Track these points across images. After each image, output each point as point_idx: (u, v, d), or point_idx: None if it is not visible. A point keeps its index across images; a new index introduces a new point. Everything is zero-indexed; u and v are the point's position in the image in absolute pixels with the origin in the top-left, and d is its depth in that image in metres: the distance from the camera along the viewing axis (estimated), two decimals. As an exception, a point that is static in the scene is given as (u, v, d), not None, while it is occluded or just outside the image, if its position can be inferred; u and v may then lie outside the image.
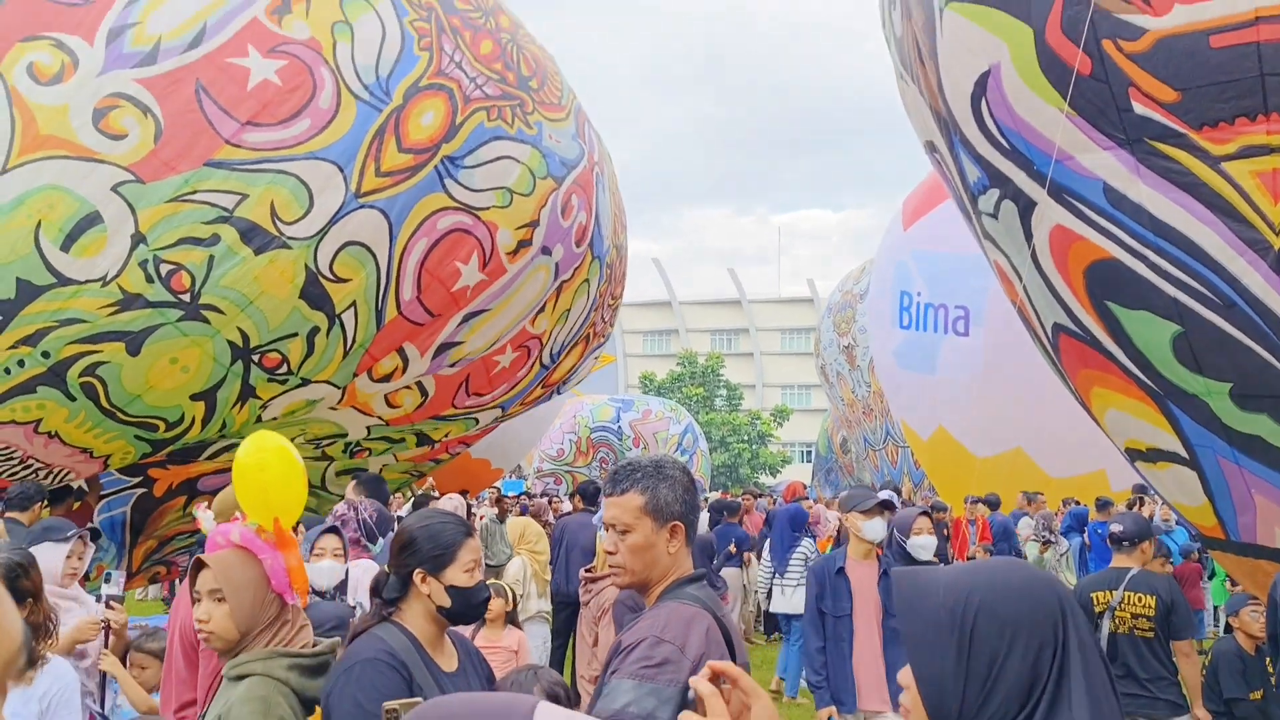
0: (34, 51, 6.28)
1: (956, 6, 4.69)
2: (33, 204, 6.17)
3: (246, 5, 6.60)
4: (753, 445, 46.34)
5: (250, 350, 6.67)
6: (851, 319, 21.13)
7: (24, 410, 6.41)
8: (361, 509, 5.64)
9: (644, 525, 2.41)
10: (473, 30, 7.53)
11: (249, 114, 6.46)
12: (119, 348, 6.37)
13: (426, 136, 7.03)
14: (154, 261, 6.31)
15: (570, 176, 7.96)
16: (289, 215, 6.56)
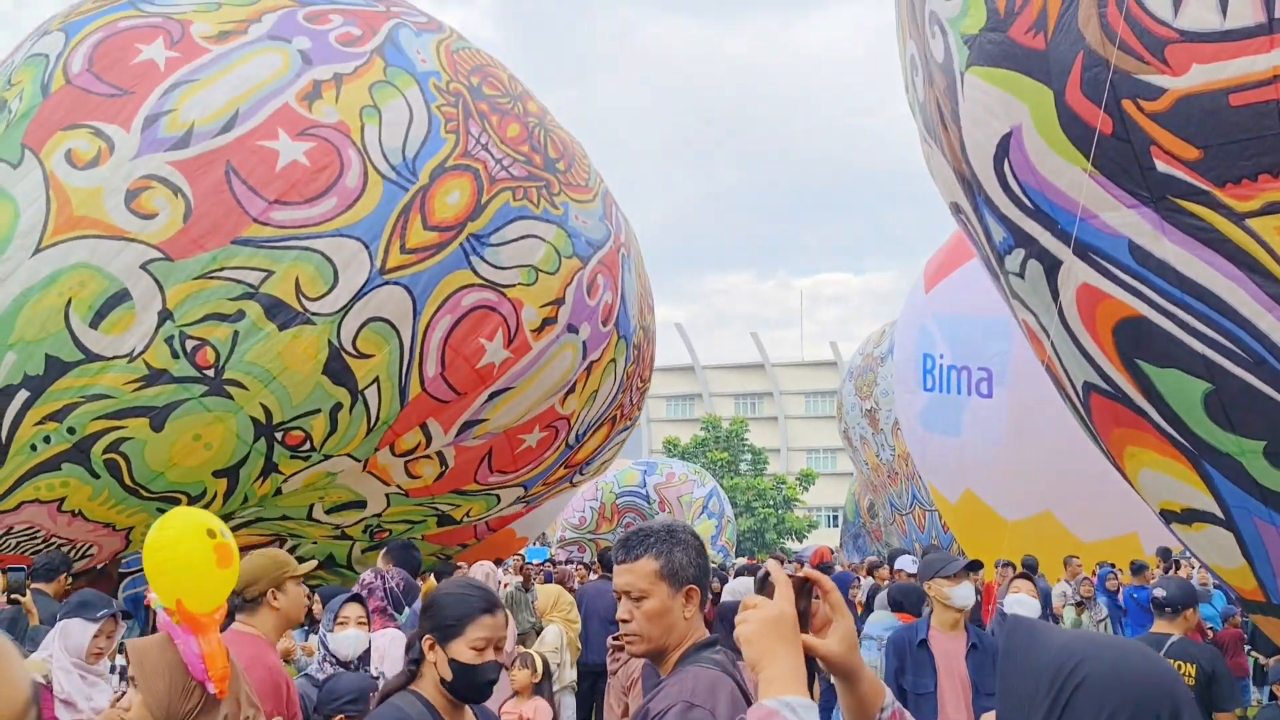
0: (73, 139, 6.46)
1: (977, 70, 4.75)
2: (64, 282, 6.28)
3: (278, 92, 6.78)
4: (778, 510, 45.53)
5: (273, 427, 6.68)
6: (873, 382, 20.98)
7: (48, 488, 6.42)
8: (388, 577, 5.55)
9: (660, 590, 2.37)
10: (500, 115, 7.70)
11: (277, 193, 6.59)
12: (143, 424, 6.39)
13: (452, 215, 7.13)
14: (180, 337, 6.37)
15: (596, 256, 8.04)
16: (313, 291, 6.63)
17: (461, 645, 2.59)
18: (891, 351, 20.44)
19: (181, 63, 6.73)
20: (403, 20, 7.65)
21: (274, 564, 3.80)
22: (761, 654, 1.52)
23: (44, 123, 6.51)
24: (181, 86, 6.64)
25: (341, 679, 4.10)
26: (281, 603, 3.75)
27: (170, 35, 6.85)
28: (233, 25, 6.98)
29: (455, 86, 7.51)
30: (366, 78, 7.08)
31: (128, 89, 6.60)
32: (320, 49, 7.06)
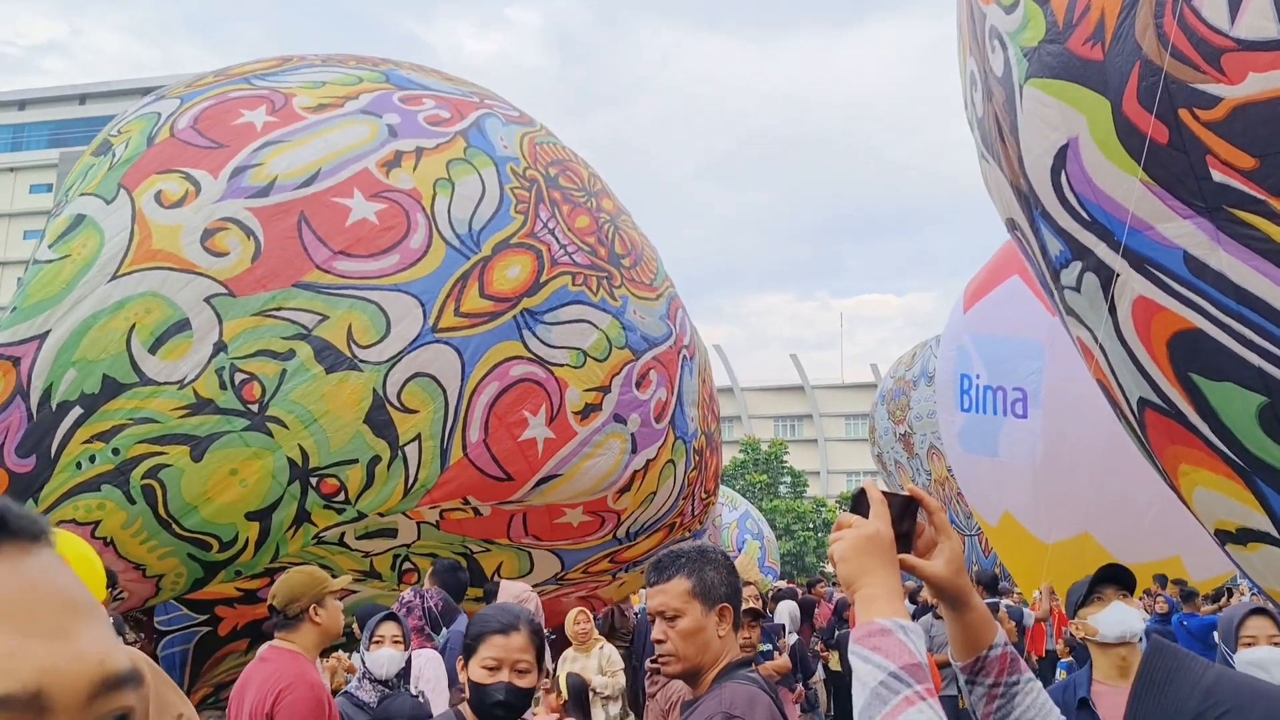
0: (165, 181, 6.92)
1: (1036, 82, 4.71)
2: (132, 308, 6.57)
3: (360, 157, 7.17)
4: (818, 533, 45.01)
5: (309, 471, 6.66)
6: (906, 406, 20.47)
7: (85, 510, 6.49)
8: (428, 596, 5.41)
9: (693, 609, 2.40)
10: (572, 205, 7.93)
11: (343, 245, 6.85)
12: (184, 451, 6.47)
13: (509, 288, 7.25)
14: (230, 369, 6.52)
15: (651, 352, 8.00)
16: (364, 339, 6.75)
17: (475, 664, 2.61)
18: (924, 374, 20.17)
19: (277, 126, 7.21)
20: (493, 111, 8.08)
21: (313, 580, 3.89)
22: (857, 571, 1.45)
23: (142, 168, 7.00)
24: (273, 145, 7.09)
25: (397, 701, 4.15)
26: (322, 618, 3.83)
27: (273, 104, 7.38)
28: (331, 100, 7.49)
29: (531, 173, 7.80)
30: (446, 154, 7.43)
31: (223, 143, 7.08)
32: (408, 125, 7.48)
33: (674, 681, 4.97)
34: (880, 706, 1.28)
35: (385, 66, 8.22)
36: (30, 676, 0.57)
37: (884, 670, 1.31)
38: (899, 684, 1.29)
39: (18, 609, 0.58)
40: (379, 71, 8.04)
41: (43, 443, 6.47)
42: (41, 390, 6.52)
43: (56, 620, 0.59)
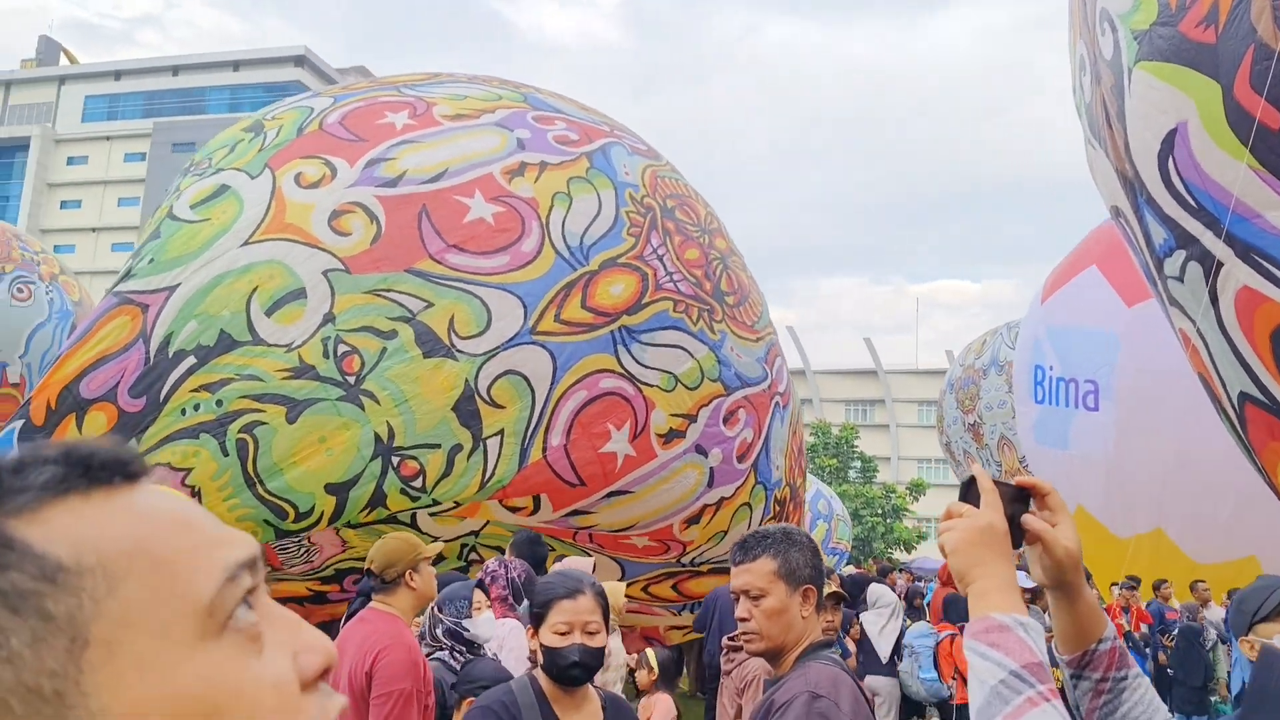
0: (306, 165, 7.38)
1: (1146, 66, 4.63)
2: (257, 273, 6.96)
3: (487, 163, 7.51)
4: (887, 519, 44.09)
5: (392, 449, 6.85)
6: (975, 395, 19.70)
7: (181, 455, 6.81)
8: (511, 568, 5.48)
9: (778, 589, 2.44)
10: (684, 237, 8.10)
11: (458, 239, 7.14)
12: (280, 411, 6.75)
13: (611, 303, 7.41)
14: (335, 340, 6.82)
15: (743, 391, 8.00)
16: (465, 330, 6.97)
17: (547, 629, 2.68)
18: (994, 363, 19.48)
19: (415, 129, 7.64)
20: (621, 141, 8.37)
21: (409, 546, 4.02)
22: (970, 564, 1.42)
23: (288, 152, 7.49)
24: (408, 144, 7.50)
25: (479, 664, 4.26)
26: (417, 583, 3.96)
27: (415, 109, 7.83)
28: (470, 111, 7.91)
29: (649, 201, 8.02)
30: (569, 171, 7.72)
31: (364, 138, 7.53)
32: (537, 140, 7.81)
33: (751, 660, 4.96)
34: (1001, 706, 1.25)
35: (526, 90, 8.63)
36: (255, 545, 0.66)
37: (1004, 668, 1.27)
38: (1020, 683, 1.25)
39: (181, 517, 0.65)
40: (519, 93, 8.45)
41: (154, 386, 6.84)
42: (162, 337, 6.92)
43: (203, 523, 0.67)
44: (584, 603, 2.72)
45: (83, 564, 0.58)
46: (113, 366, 6.97)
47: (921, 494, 46.30)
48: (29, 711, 0.53)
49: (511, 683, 2.78)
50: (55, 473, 0.60)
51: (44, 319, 12.45)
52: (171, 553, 0.61)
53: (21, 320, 12.19)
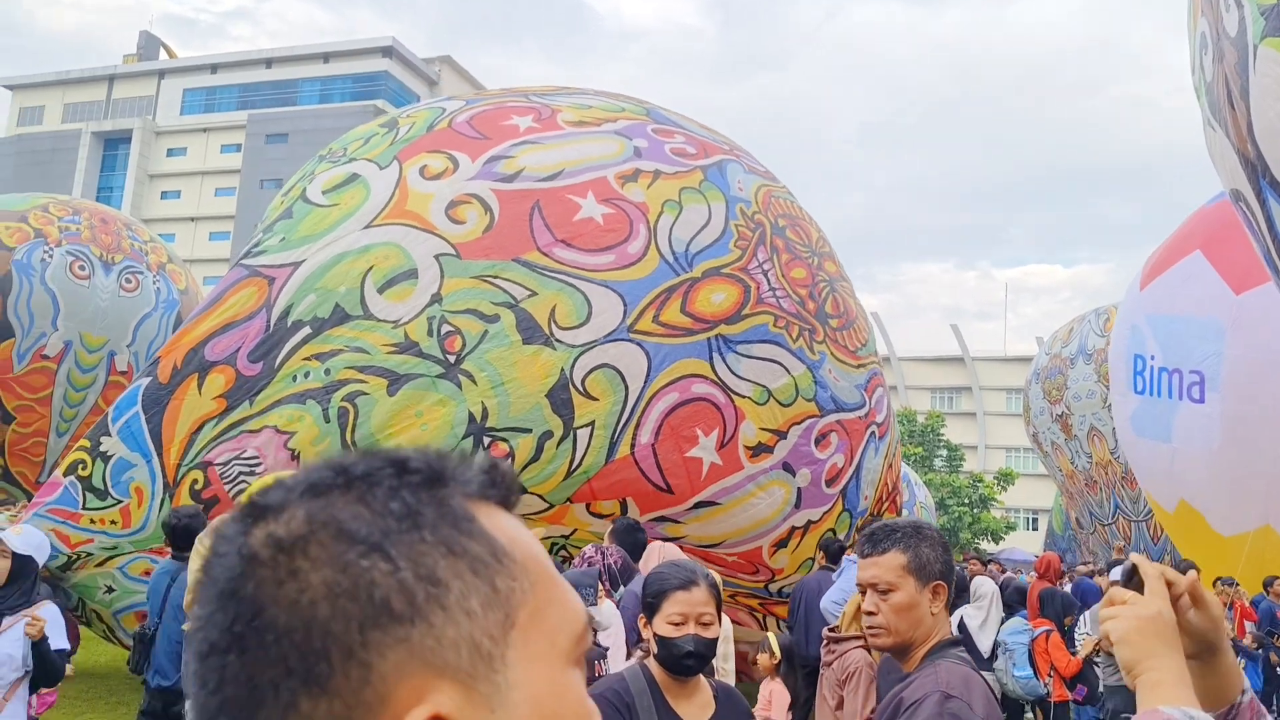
0: (431, 157, 7.74)
1: (1272, 42, 4.45)
2: (375, 253, 7.30)
3: (602, 167, 7.73)
4: (973, 509, 42.14)
5: (484, 428, 7.03)
6: (1063, 385, 18.61)
7: (287, 419, 7.13)
8: (608, 554, 5.54)
9: (907, 585, 2.41)
10: (792, 256, 8.13)
11: (566, 235, 7.35)
12: (382, 384, 7.02)
13: (710, 311, 7.48)
14: (440, 319, 7.07)
15: (838, 415, 7.93)
16: (565, 321, 7.14)
17: (661, 620, 2.68)
18: (1082, 351, 18.55)
19: (537, 131, 7.94)
20: (739, 160, 8.51)
21: None
22: (1141, 655, 1.39)
23: (417, 146, 7.87)
24: (529, 144, 7.80)
25: None
26: None
27: (539, 114, 8.14)
28: (592, 119, 8.17)
29: (760, 218, 8.10)
30: (682, 181, 7.87)
31: (487, 136, 7.86)
32: (654, 150, 8.01)
33: (853, 651, 4.96)
34: None
35: (650, 106, 8.87)
36: None
37: None
38: None
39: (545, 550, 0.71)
40: (643, 108, 8.69)
41: (271, 353, 7.21)
42: (283, 308, 7.31)
43: None
44: (698, 594, 2.72)
45: (514, 556, 0.65)
46: (236, 333, 7.38)
47: (1010, 484, 44.74)
48: (470, 662, 0.60)
49: (624, 671, 2.77)
50: (483, 480, 0.68)
51: (151, 308, 12.86)
52: (556, 575, 0.69)
53: (129, 310, 12.59)
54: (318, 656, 0.58)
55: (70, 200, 13.60)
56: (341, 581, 0.59)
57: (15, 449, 12.13)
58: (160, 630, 5.86)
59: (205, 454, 7.12)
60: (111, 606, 7.63)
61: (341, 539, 0.61)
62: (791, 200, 8.77)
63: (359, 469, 0.66)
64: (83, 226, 12.73)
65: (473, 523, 0.65)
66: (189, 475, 7.07)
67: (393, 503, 0.63)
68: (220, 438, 7.07)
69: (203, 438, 7.14)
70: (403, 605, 0.59)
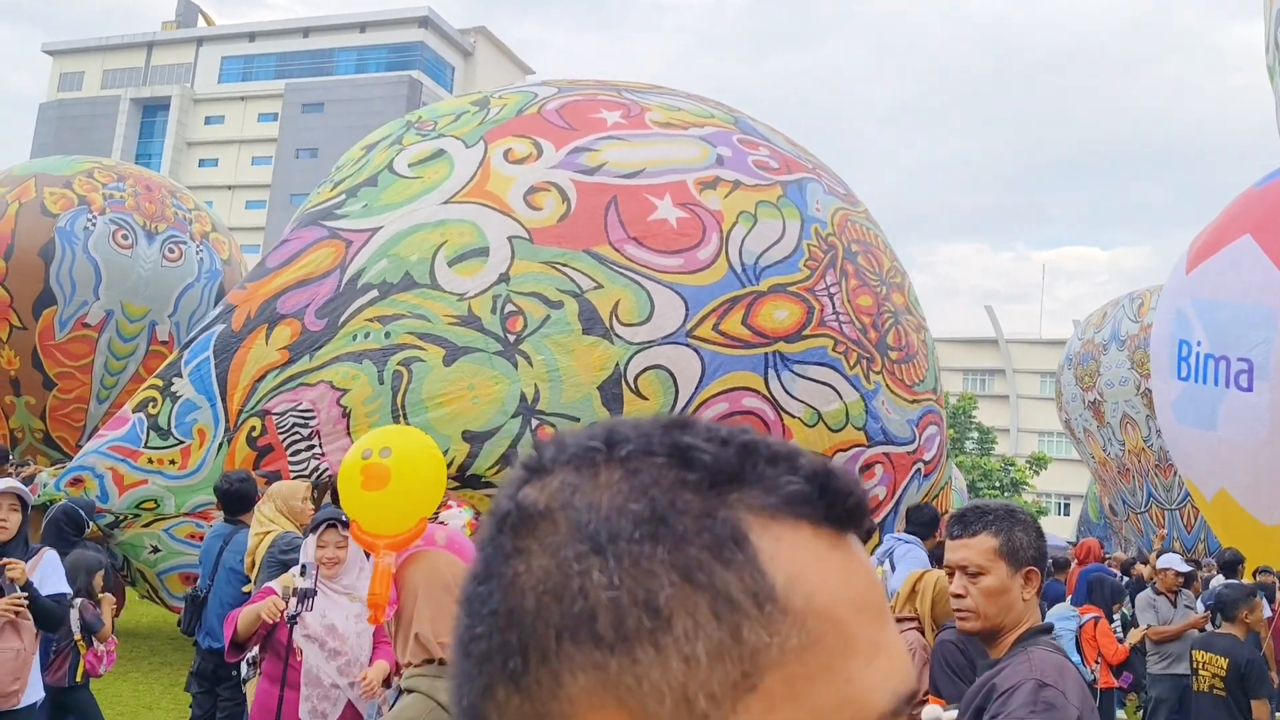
0: (516, 141, 7.87)
1: None
2: (450, 228, 7.45)
3: (683, 171, 7.79)
4: (1005, 493, 41.51)
5: (534, 410, 7.11)
6: (1095, 371, 18.27)
7: (342, 376, 7.30)
8: None
9: (998, 569, 2.39)
10: (860, 282, 8.09)
11: (638, 234, 7.41)
12: (439, 353, 7.15)
13: (771, 326, 7.47)
14: (505, 299, 7.18)
15: (885, 448, 7.86)
16: (627, 318, 7.19)
17: None
18: (1115, 337, 18.15)
19: (624, 128, 8.02)
20: (820, 180, 8.49)
21: None
22: None
23: (505, 129, 8.01)
24: (613, 139, 7.88)
25: None
26: None
27: (629, 111, 8.23)
28: (679, 122, 8.24)
29: (833, 240, 8.07)
30: (760, 194, 7.89)
31: (575, 127, 7.97)
32: (736, 160, 8.04)
33: (906, 634, 4.82)
34: None
35: (740, 115, 8.91)
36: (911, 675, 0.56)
37: None
38: None
39: (875, 601, 0.55)
40: (732, 116, 8.73)
41: (337, 311, 7.39)
42: (355, 270, 7.49)
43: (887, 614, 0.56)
44: None
45: (790, 604, 0.51)
46: (309, 290, 7.58)
47: (1043, 468, 44.08)
48: (673, 716, 0.49)
49: None
50: (801, 490, 0.53)
51: (193, 279, 12.81)
52: (860, 640, 0.53)
53: (172, 280, 12.55)
54: (515, 649, 0.51)
55: (116, 165, 13.61)
56: (554, 577, 0.51)
57: (56, 414, 12.33)
58: (212, 592, 5.98)
59: (265, 403, 7.31)
60: (156, 566, 7.85)
61: (571, 528, 0.52)
62: (869, 227, 8.73)
63: (630, 445, 0.54)
64: (127, 194, 12.68)
65: (740, 548, 0.51)
66: (248, 422, 7.27)
67: (639, 501, 0.52)
68: (280, 388, 7.26)
69: (264, 386, 7.34)
70: (607, 628, 0.50)
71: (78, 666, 5.48)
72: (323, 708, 4.45)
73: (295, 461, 7.41)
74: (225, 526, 6.25)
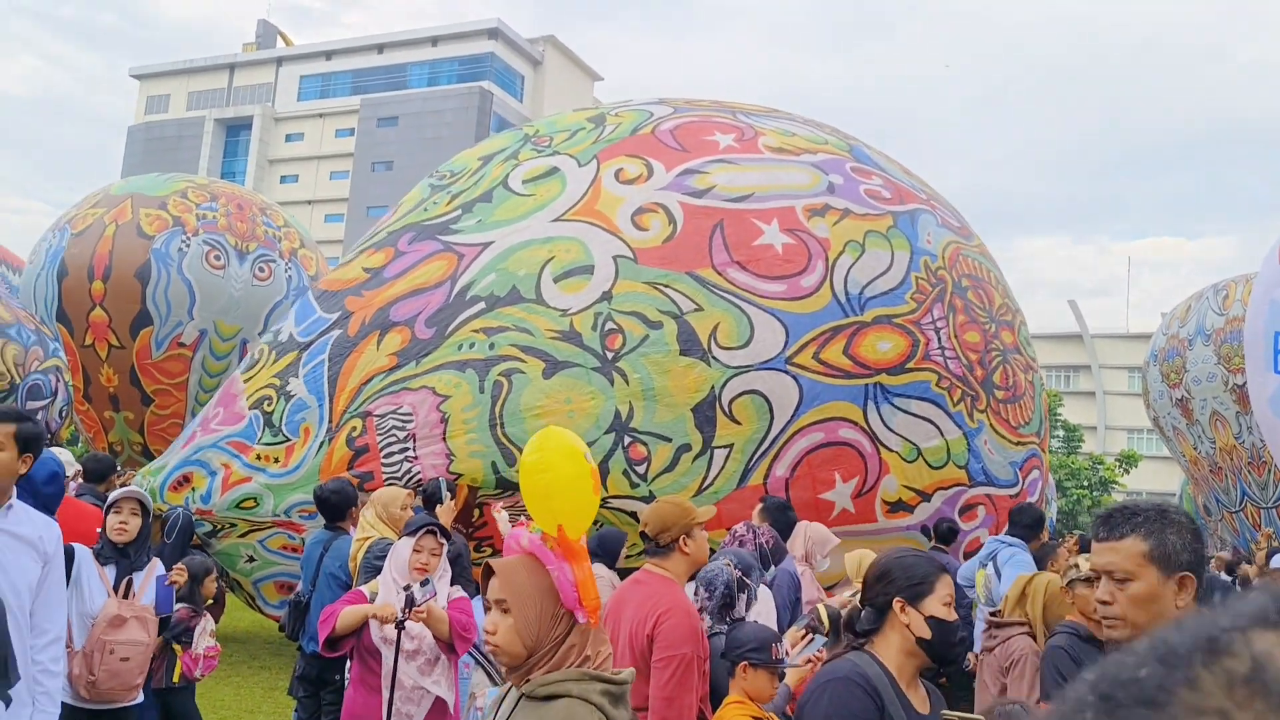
0: (628, 161, 7.98)
1: None
2: (557, 245, 7.59)
3: (792, 197, 7.76)
4: (1094, 492, 40.64)
5: (627, 428, 7.15)
6: (1182, 368, 17.47)
7: (445, 383, 7.48)
8: (759, 533, 5.39)
9: (1148, 574, 2.24)
10: (969, 319, 7.90)
11: (743, 258, 7.41)
12: (539, 366, 7.27)
13: (873, 357, 7.35)
14: (606, 316, 7.27)
15: (987, 489, 7.65)
16: (725, 341, 7.19)
17: (935, 602, 2.58)
18: (1200, 332, 17.51)
19: (736, 152, 8.05)
20: (934, 212, 8.34)
21: (683, 512, 4.01)
22: None
23: (618, 148, 8.13)
24: (724, 163, 7.91)
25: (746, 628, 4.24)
26: (691, 548, 3.97)
27: (742, 134, 8.25)
28: (792, 148, 8.21)
29: (943, 274, 7.90)
30: (870, 224, 7.79)
31: (687, 149, 8.03)
32: (848, 189, 7.97)
33: (1016, 639, 4.80)
34: None
35: (855, 143, 8.83)
36: None
37: None
38: None
39: None
40: (847, 144, 8.66)
41: (445, 321, 7.60)
42: (465, 283, 7.69)
43: None
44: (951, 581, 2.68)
45: None
46: (420, 299, 7.81)
47: (1133, 466, 42.26)
48: None
49: (853, 657, 2.62)
50: None
51: (282, 296, 13.01)
52: None
53: (262, 299, 12.82)
54: None
55: (209, 184, 14.02)
56: None
57: (154, 429, 12.84)
58: (313, 598, 6.09)
59: (368, 405, 7.56)
60: (251, 576, 8.13)
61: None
62: (981, 262, 8.52)
63: None
64: (219, 213, 13.02)
65: None
66: (350, 422, 7.52)
67: None
68: (383, 391, 7.50)
69: (370, 389, 7.59)
70: None
71: (174, 668, 5.59)
72: (407, 710, 4.53)
73: (388, 462, 7.61)
74: (325, 533, 6.38)
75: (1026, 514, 6.92)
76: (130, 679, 4.69)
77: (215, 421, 7.85)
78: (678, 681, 3.61)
